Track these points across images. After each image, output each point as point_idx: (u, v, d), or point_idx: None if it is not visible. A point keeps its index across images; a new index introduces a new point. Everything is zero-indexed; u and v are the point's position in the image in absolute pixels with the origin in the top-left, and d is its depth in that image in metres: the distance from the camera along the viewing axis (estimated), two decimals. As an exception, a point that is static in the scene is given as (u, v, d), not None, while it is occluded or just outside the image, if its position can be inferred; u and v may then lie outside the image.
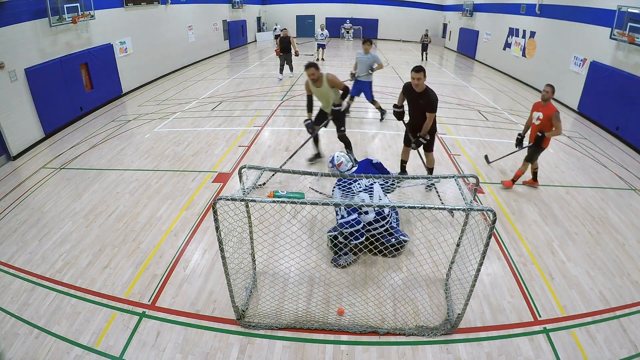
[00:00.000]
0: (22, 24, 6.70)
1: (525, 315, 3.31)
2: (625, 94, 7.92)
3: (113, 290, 3.49)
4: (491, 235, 2.53)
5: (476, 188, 3.13)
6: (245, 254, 3.44)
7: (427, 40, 16.48)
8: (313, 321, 3.14)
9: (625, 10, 7.89)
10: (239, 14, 19.93)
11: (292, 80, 11.72)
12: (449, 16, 22.69)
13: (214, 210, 2.52)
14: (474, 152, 6.75)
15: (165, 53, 12.43)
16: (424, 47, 16.68)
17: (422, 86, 4.64)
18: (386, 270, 3.70)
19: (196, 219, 4.59)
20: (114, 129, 7.68)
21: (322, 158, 6.15)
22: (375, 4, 24.75)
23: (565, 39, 10.74)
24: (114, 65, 9.73)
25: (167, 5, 12.49)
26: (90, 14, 8.49)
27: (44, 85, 7.13)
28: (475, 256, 2.75)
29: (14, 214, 4.75)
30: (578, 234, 4.52)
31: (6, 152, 6.34)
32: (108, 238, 4.24)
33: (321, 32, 15.25)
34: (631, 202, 5.36)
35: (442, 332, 3.07)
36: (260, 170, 3.05)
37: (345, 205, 2.83)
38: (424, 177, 3.47)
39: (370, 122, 8.26)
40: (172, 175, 5.66)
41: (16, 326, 3.12)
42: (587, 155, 6.98)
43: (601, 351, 3.00)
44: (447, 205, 2.52)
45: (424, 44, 16.63)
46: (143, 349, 2.92)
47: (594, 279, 3.79)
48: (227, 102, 9.45)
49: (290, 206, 4.47)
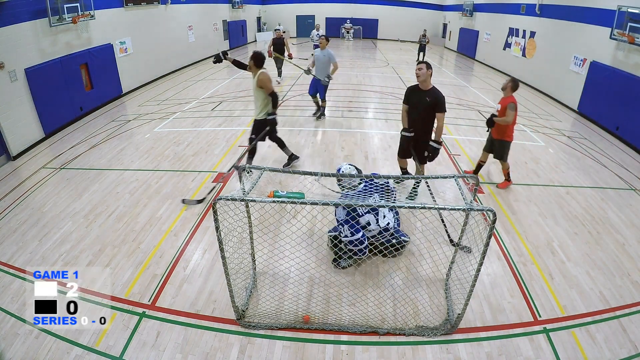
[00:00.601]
0: (22, 24, 6.70)
1: (525, 315, 3.31)
2: (625, 94, 7.92)
3: (113, 290, 3.49)
4: (491, 235, 2.53)
5: (476, 188, 3.13)
6: (245, 254, 3.44)
7: (425, 40, 15.95)
8: (313, 321, 3.14)
9: (625, 10, 7.90)
10: (239, 14, 19.93)
11: (292, 81, 11.71)
12: (449, 16, 22.69)
13: (214, 211, 2.52)
14: (474, 152, 6.75)
15: (165, 53, 12.43)
16: (422, 47, 16.10)
17: (428, 83, 4.41)
18: (386, 270, 3.70)
19: (196, 219, 4.58)
20: (114, 129, 7.68)
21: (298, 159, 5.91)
22: (375, 4, 24.74)
23: (565, 39, 10.74)
24: (114, 65, 9.73)
25: (167, 5, 12.49)
26: (90, 14, 8.49)
27: (44, 85, 7.13)
28: (475, 256, 2.75)
29: (14, 214, 4.75)
30: (578, 234, 4.52)
31: (6, 152, 6.34)
32: (108, 238, 4.24)
33: (317, 33, 14.35)
34: (631, 202, 5.36)
35: (442, 332, 3.07)
36: (260, 170, 3.05)
37: (345, 205, 2.82)
38: (424, 177, 3.46)
39: (370, 122, 8.26)
40: (172, 175, 5.66)
41: (16, 326, 3.11)
42: (587, 155, 6.98)
43: (601, 351, 3.00)
44: (447, 205, 2.52)
45: (421, 45, 16.07)
46: (143, 349, 2.92)
47: (594, 279, 3.79)
48: (227, 102, 9.45)
49: (290, 206, 4.47)
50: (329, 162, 6.13)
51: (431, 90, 4.44)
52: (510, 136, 5.15)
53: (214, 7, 16.84)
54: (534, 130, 8.24)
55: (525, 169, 6.20)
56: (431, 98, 4.40)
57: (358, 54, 18.64)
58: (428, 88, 4.45)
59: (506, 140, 5.14)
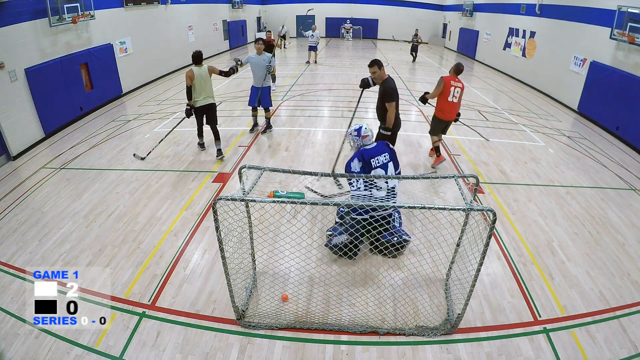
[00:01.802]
0: (22, 24, 6.70)
1: (525, 315, 3.32)
2: (625, 94, 7.92)
3: (113, 290, 3.49)
4: (491, 235, 2.53)
5: (476, 188, 3.13)
6: (245, 254, 3.43)
7: (417, 40, 15.75)
8: (313, 321, 3.14)
9: (625, 10, 7.89)
10: (239, 14, 19.93)
11: (292, 81, 11.71)
12: (449, 16, 22.69)
13: (214, 210, 2.52)
14: (474, 152, 6.75)
15: (165, 53, 12.43)
16: (414, 47, 15.97)
17: (381, 77, 4.75)
18: (386, 270, 3.69)
19: (196, 219, 4.59)
20: (114, 129, 7.68)
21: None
22: (375, 4, 24.75)
23: (565, 39, 10.74)
24: (114, 65, 9.72)
25: (167, 5, 12.49)
26: (90, 14, 8.49)
27: (44, 85, 7.13)
28: (475, 256, 2.75)
29: (14, 214, 4.75)
30: (578, 234, 4.52)
31: (6, 152, 6.33)
32: (108, 238, 4.24)
33: (312, 33, 14.19)
34: (631, 202, 5.36)
35: (442, 332, 3.07)
36: (260, 170, 3.05)
37: (345, 205, 2.82)
38: (424, 177, 3.46)
39: (370, 122, 8.25)
40: (172, 175, 5.66)
41: (16, 326, 3.11)
42: (587, 155, 6.98)
43: (601, 351, 3.00)
44: (447, 205, 2.52)
45: (414, 45, 15.93)
46: (143, 349, 2.92)
47: (594, 279, 3.79)
48: (227, 102, 9.45)
49: (290, 206, 4.47)
50: (329, 162, 6.13)
51: (383, 82, 4.81)
52: (439, 113, 5.76)
53: (214, 7, 16.84)
54: (534, 130, 8.24)
55: (525, 169, 6.20)
56: (381, 89, 4.84)
57: (358, 54, 18.63)
58: (382, 80, 4.80)
59: (435, 116, 5.84)
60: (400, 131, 5.18)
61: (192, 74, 5.75)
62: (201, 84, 5.77)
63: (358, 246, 3.81)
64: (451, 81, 5.65)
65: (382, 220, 3.48)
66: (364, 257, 3.92)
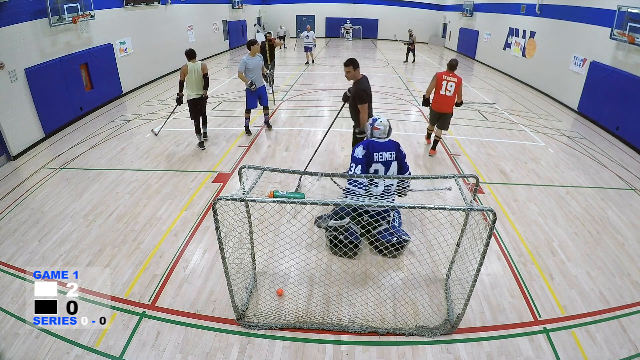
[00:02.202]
0: (22, 24, 6.70)
1: (525, 315, 3.32)
2: (625, 94, 7.92)
3: (113, 290, 3.49)
4: (491, 235, 2.53)
5: (476, 188, 3.13)
6: (245, 254, 3.44)
7: (410, 40, 15.55)
8: (313, 321, 3.14)
9: (625, 10, 7.89)
10: (239, 14, 19.92)
11: (292, 81, 11.71)
12: (449, 16, 22.69)
13: (214, 210, 2.52)
14: (474, 152, 6.75)
15: (165, 53, 12.42)
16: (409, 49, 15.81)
17: (354, 77, 4.63)
18: (386, 270, 3.70)
19: (196, 219, 4.59)
20: (114, 129, 7.68)
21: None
22: (375, 4, 24.75)
23: (565, 39, 10.74)
24: (114, 65, 9.73)
25: (167, 5, 12.49)
26: (90, 14, 8.49)
27: (44, 85, 7.13)
28: (475, 256, 2.75)
29: (14, 214, 4.75)
30: (578, 234, 4.52)
31: (6, 152, 6.33)
32: (108, 238, 4.24)
33: (307, 33, 14.14)
34: (631, 202, 5.36)
35: (442, 332, 3.07)
36: (260, 170, 3.05)
37: (345, 205, 2.82)
38: (424, 177, 3.46)
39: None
40: (172, 175, 5.66)
41: (16, 326, 3.11)
42: (587, 155, 6.98)
43: (601, 351, 3.00)
44: (447, 205, 2.52)
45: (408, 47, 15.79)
46: (143, 349, 2.92)
47: (594, 279, 3.79)
48: (227, 102, 9.45)
49: (290, 206, 4.47)
50: (329, 162, 6.13)
51: (356, 82, 4.69)
52: (432, 104, 6.22)
53: (214, 7, 16.84)
54: (534, 130, 8.24)
55: (525, 169, 6.20)
56: (354, 89, 4.70)
57: (358, 54, 18.62)
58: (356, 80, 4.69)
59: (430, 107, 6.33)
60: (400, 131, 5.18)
61: (186, 69, 6.13)
62: (192, 79, 6.13)
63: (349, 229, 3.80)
64: (443, 75, 5.96)
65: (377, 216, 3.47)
66: (364, 257, 3.91)
